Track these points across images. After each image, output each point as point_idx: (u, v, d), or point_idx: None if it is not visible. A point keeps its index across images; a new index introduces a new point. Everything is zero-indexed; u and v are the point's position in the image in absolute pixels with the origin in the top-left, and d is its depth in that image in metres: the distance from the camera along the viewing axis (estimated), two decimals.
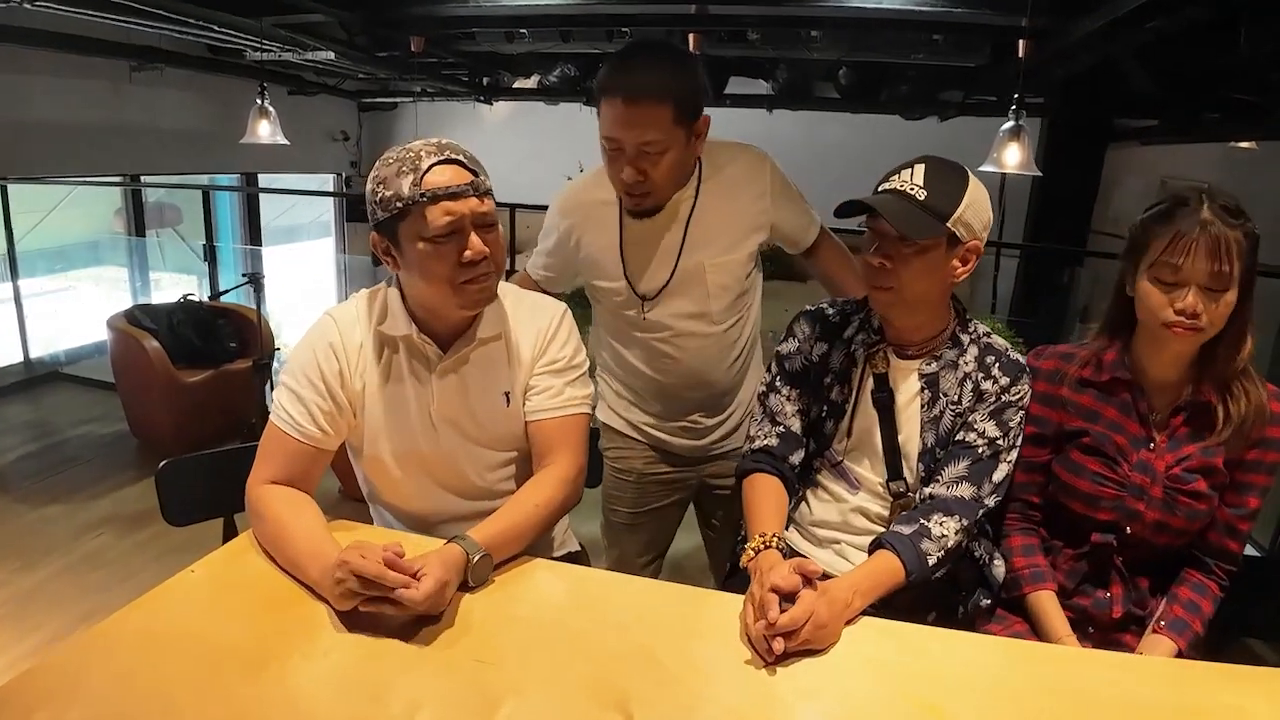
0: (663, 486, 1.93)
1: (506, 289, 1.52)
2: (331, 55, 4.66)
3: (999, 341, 1.50)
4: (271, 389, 3.98)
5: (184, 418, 4.05)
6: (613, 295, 1.78)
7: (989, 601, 1.50)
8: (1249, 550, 1.50)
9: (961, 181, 1.38)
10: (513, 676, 1.09)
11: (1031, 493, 1.53)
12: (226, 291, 4.10)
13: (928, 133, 5.89)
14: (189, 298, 4.46)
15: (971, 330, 1.50)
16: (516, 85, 6.38)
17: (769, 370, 1.60)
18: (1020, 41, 3.58)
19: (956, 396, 1.46)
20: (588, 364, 1.54)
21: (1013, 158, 3.17)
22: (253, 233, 6.47)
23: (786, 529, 1.59)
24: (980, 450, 1.43)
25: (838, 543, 1.54)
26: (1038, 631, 1.45)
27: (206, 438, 4.07)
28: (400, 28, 4.58)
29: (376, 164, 1.33)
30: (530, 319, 1.50)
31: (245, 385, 4.00)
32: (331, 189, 7.75)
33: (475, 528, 1.30)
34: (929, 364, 1.47)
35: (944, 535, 1.36)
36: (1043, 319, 6.02)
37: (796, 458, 1.54)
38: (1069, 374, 1.48)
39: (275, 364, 4.13)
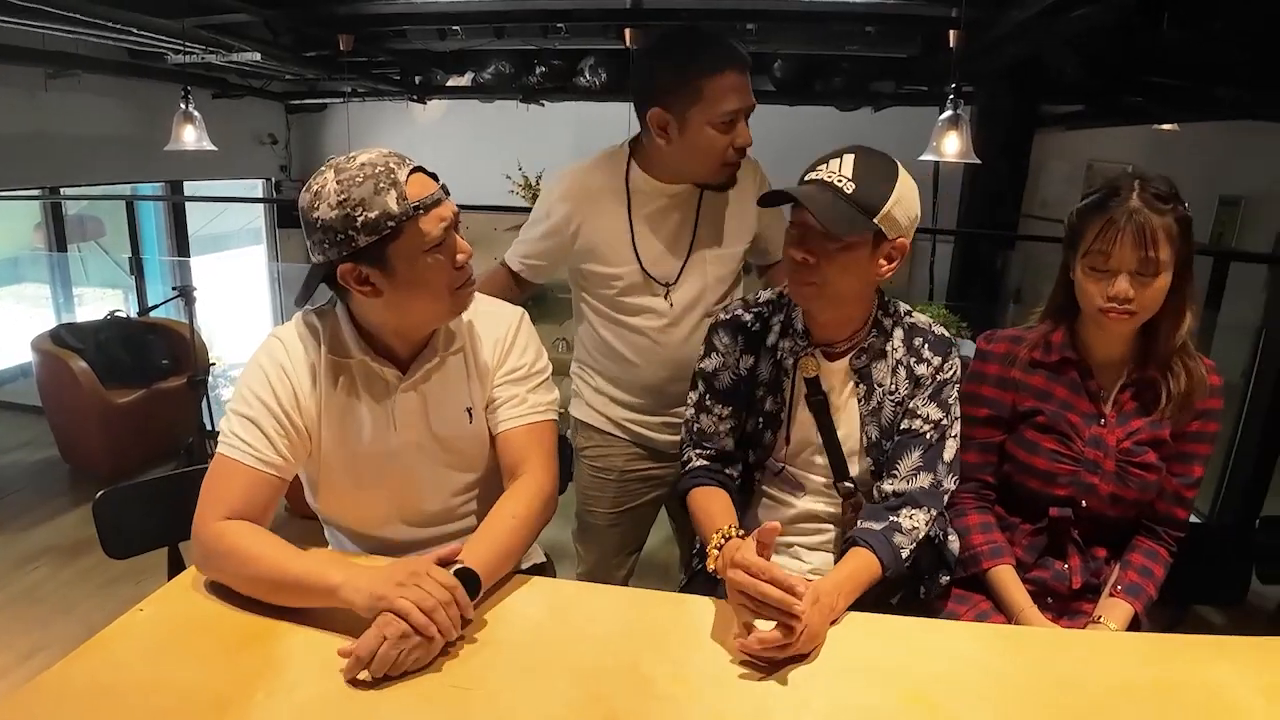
0: (643, 483, 1.92)
1: None
2: (257, 56, 4.51)
3: (921, 319, 1.49)
4: (209, 406, 3.85)
5: (117, 440, 3.89)
6: (610, 280, 1.77)
7: (948, 579, 1.53)
8: (1191, 518, 1.56)
9: (891, 175, 1.34)
10: (495, 702, 1.05)
11: (986, 472, 1.57)
12: (156, 306, 3.95)
13: (862, 123, 5.97)
14: (116, 314, 4.30)
15: (893, 312, 1.48)
16: (450, 83, 6.26)
17: (695, 389, 1.55)
18: (951, 32, 3.63)
19: (892, 386, 1.45)
20: (550, 368, 1.50)
21: (952, 146, 3.21)
22: (180, 243, 6.24)
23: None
24: (928, 435, 1.43)
25: (790, 546, 1.55)
26: (999, 605, 1.49)
27: (142, 460, 3.94)
28: (328, 26, 4.46)
29: (334, 186, 1.20)
30: (487, 329, 1.45)
31: (180, 403, 3.85)
32: (261, 194, 7.52)
33: (463, 551, 1.23)
34: (858, 358, 1.45)
35: (915, 528, 1.38)
36: (979, 302, 6.17)
37: (734, 470, 1.53)
38: (1020, 356, 1.52)
39: (210, 379, 3.99)
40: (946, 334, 1.48)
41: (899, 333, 1.46)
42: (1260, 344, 3.25)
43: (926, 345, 1.45)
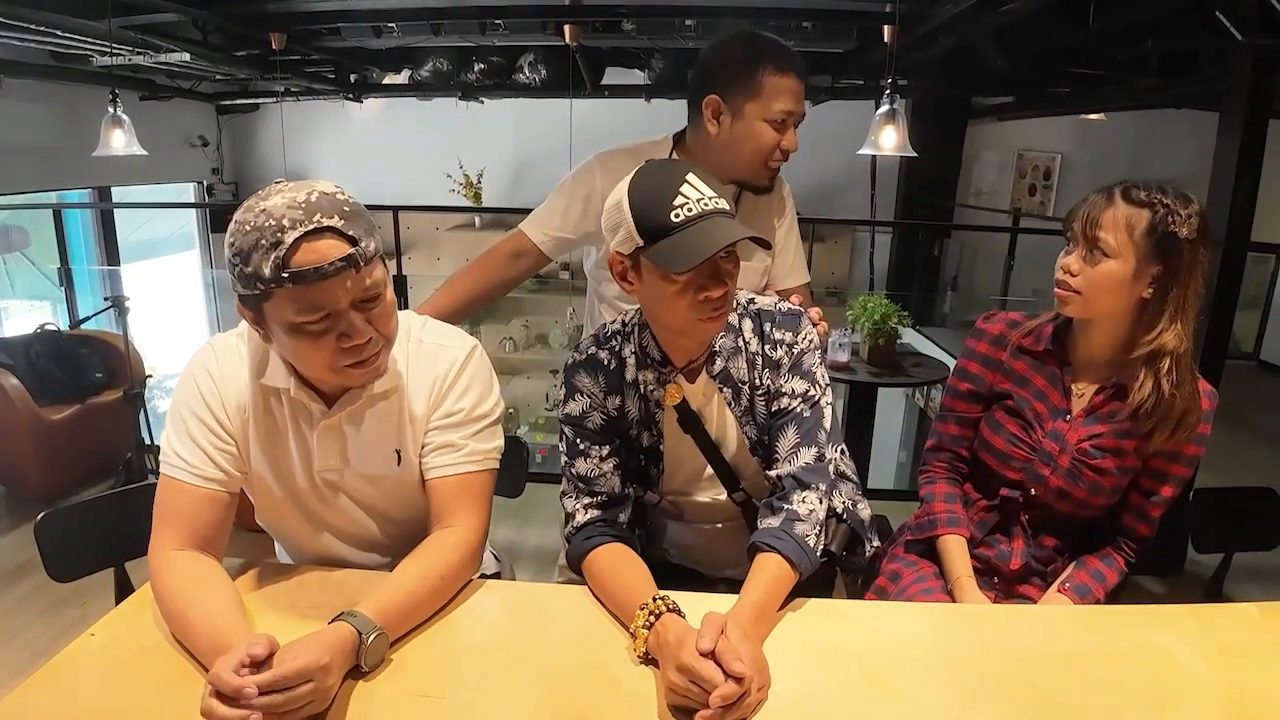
0: None
1: (410, 323, 1.37)
2: (186, 57, 4.37)
3: (765, 301, 1.43)
4: (147, 419, 3.74)
5: (52, 459, 3.75)
6: None
7: (873, 544, 1.56)
8: None
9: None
10: (465, 709, 1.05)
11: (962, 446, 1.62)
12: (88, 318, 3.83)
13: None
14: (47, 327, 4.13)
15: (737, 306, 1.42)
16: (386, 81, 6.16)
17: (563, 438, 1.44)
18: (885, 27, 3.70)
19: (755, 379, 1.40)
20: (499, 411, 1.39)
21: (889, 140, 3.28)
22: (109, 251, 6.02)
23: (670, 555, 1.60)
24: (799, 409, 1.37)
25: (716, 551, 1.57)
26: (942, 571, 1.55)
27: (79, 479, 3.82)
28: (258, 25, 4.35)
29: (233, 225, 1.11)
30: (428, 367, 1.34)
31: (117, 418, 3.72)
32: (192, 198, 7.30)
33: (368, 600, 1.14)
34: (714, 364, 1.39)
35: (812, 510, 1.31)
36: (918, 290, 6.32)
37: (625, 516, 1.42)
38: (1011, 340, 1.56)
39: (147, 392, 3.87)
40: (794, 308, 1.42)
41: (748, 324, 1.40)
42: None
43: (775, 327, 1.39)
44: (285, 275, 1.08)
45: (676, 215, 1.22)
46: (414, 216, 6.28)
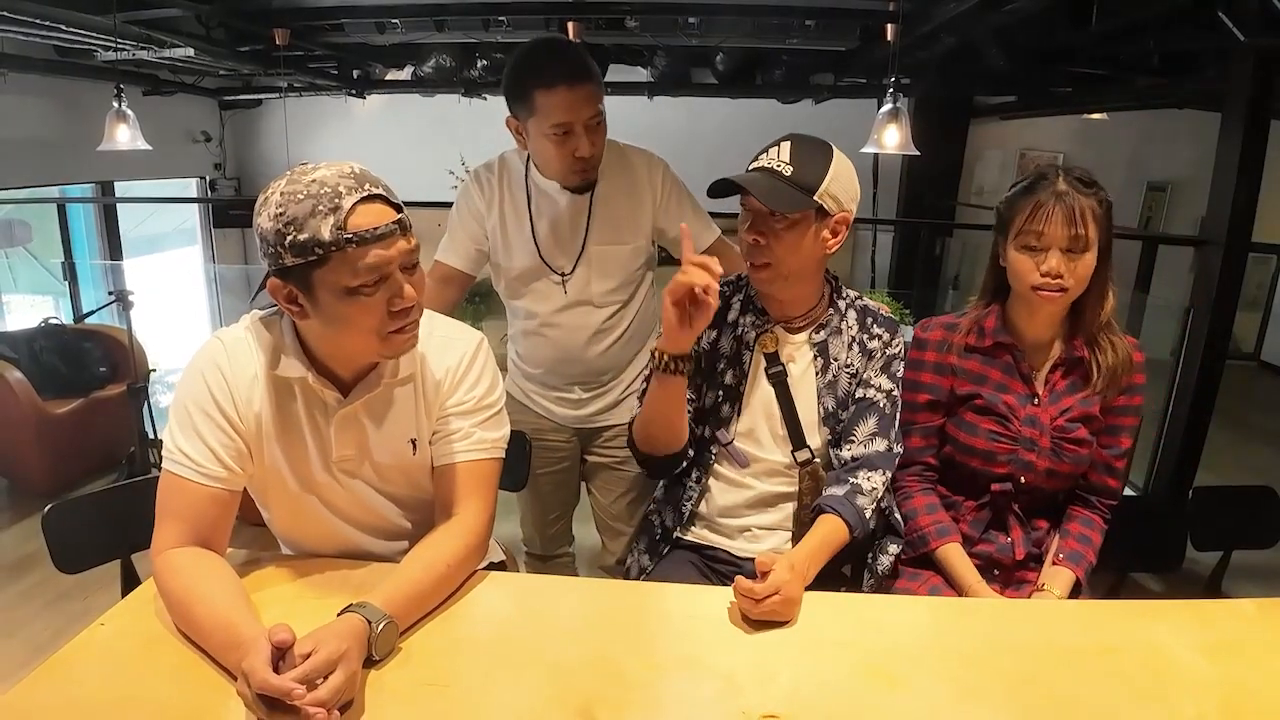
0: (549, 453, 2.07)
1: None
2: (190, 51, 4.38)
3: (872, 303, 1.63)
4: (150, 414, 3.75)
5: (56, 452, 3.76)
6: (512, 266, 1.94)
7: (896, 548, 1.59)
8: (1128, 491, 1.64)
9: (826, 156, 1.47)
10: (469, 699, 1.06)
11: (928, 455, 1.64)
12: (93, 312, 3.83)
13: (803, 115, 6.05)
14: (51, 321, 4.15)
15: (845, 296, 1.61)
16: (389, 77, 6.17)
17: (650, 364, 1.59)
18: (888, 26, 3.70)
19: (848, 360, 1.56)
20: (504, 400, 1.44)
21: (892, 139, 3.29)
22: (112, 246, 6.02)
23: (695, 525, 1.64)
24: (882, 404, 1.55)
25: (748, 530, 1.60)
26: (950, 582, 1.55)
27: (82, 473, 3.84)
28: (262, 20, 4.36)
29: (278, 197, 1.14)
30: (441, 356, 1.37)
31: (120, 412, 3.72)
32: (195, 194, 7.31)
33: (376, 590, 1.15)
34: (818, 333, 1.57)
35: (874, 488, 1.48)
36: (919, 289, 6.32)
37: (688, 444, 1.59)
38: (954, 342, 1.59)
39: (150, 386, 3.88)
40: (893, 317, 1.62)
41: (852, 314, 1.59)
42: (1187, 324, 3.39)
43: (876, 323, 1.58)
44: (347, 236, 1.12)
45: (750, 167, 1.48)
46: (416, 213, 6.18)
